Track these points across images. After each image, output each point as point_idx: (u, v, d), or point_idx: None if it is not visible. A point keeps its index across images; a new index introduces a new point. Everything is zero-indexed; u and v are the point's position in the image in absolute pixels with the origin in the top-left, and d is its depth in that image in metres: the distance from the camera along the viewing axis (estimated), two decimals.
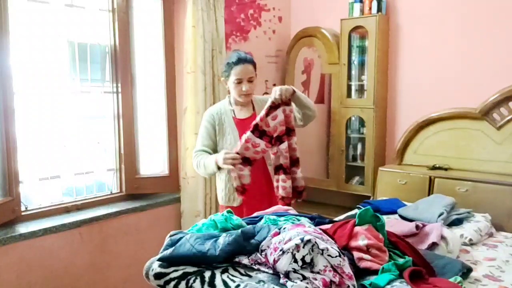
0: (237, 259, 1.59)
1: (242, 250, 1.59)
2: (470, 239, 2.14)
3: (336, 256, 1.43)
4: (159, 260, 1.61)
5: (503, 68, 2.81)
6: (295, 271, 1.42)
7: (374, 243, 1.64)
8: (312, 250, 1.43)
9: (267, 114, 2.13)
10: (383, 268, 1.55)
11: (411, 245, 1.73)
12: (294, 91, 2.19)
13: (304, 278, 1.40)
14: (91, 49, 2.65)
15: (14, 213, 2.29)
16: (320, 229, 1.65)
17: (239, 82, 2.26)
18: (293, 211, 2.04)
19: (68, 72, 2.57)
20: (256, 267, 1.56)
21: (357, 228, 1.72)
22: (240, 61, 2.25)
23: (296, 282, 1.38)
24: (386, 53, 3.29)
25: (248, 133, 2.13)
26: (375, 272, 1.56)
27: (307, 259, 1.42)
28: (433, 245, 1.87)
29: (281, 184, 2.20)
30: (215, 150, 2.35)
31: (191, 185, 2.96)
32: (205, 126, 2.36)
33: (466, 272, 1.68)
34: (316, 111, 2.36)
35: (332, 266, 1.42)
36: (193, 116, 2.92)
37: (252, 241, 1.61)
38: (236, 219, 1.82)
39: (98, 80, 2.77)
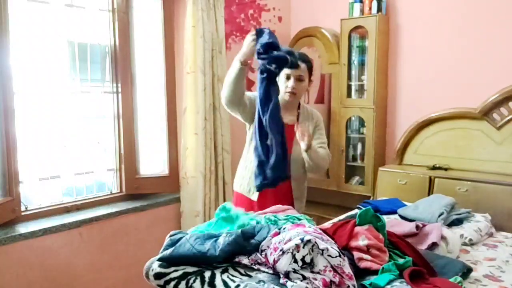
0: (237, 259, 1.59)
1: (242, 250, 1.59)
2: (470, 239, 2.14)
3: (336, 256, 1.43)
4: (159, 260, 1.62)
5: (503, 68, 2.81)
6: (295, 271, 1.42)
7: (374, 243, 1.64)
8: (312, 250, 1.43)
9: None
10: (383, 268, 1.55)
11: (411, 245, 1.73)
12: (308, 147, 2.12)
13: (304, 278, 1.40)
14: (91, 49, 2.65)
15: (14, 213, 2.29)
16: (320, 229, 1.66)
17: (288, 77, 2.20)
18: (293, 211, 2.04)
19: (68, 72, 2.57)
20: (256, 267, 1.56)
21: (357, 228, 1.73)
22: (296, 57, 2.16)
23: (296, 282, 1.38)
24: (386, 53, 3.29)
25: None
26: (375, 272, 1.56)
27: (307, 259, 1.42)
28: (433, 245, 1.88)
29: None
30: (241, 104, 2.18)
31: (191, 185, 2.96)
32: (250, 96, 2.22)
33: (466, 272, 1.68)
34: (321, 168, 2.27)
35: (332, 266, 1.43)
36: (193, 116, 2.92)
37: (252, 241, 1.61)
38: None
39: (98, 80, 2.77)
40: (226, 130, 3.11)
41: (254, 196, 2.27)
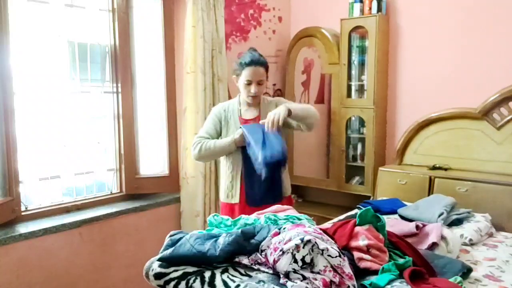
0: (237, 259, 1.59)
1: (242, 250, 1.59)
2: (470, 239, 2.14)
3: (336, 256, 1.43)
4: (159, 260, 1.62)
5: (503, 68, 2.81)
6: (295, 271, 1.42)
7: (374, 243, 1.64)
8: (312, 250, 1.43)
9: None
10: (383, 268, 1.55)
11: (411, 245, 1.73)
12: (290, 112, 2.13)
13: (304, 278, 1.40)
14: (91, 49, 2.65)
15: (14, 213, 2.29)
16: (320, 229, 1.66)
17: (249, 83, 2.27)
18: (293, 211, 2.04)
19: (68, 72, 2.57)
20: (256, 267, 1.56)
21: (357, 228, 1.73)
22: (252, 62, 2.25)
23: (296, 282, 1.38)
24: (386, 53, 3.29)
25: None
26: (375, 272, 1.56)
27: (307, 259, 1.42)
28: (433, 245, 1.88)
29: None
30: None
31: (191, 185, 2.96)
32: (212, 118, 2.39)
33: (466, 272, 1.68)
34: (316, 114, 2.32)
35: (332, 266, 1.43)
36: (193, 116, 2.92)
37: (252, 241, 1.61)
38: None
39: (98, 80, 2.77)
40: None
41: (235, 199, 2.34)
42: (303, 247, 1.42)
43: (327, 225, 2.15)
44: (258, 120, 2.32)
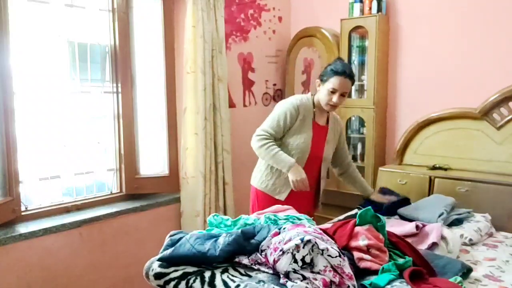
0: (237, 259, 1.59)
1: (242, 250, 1.59)
2: (470, 239, 2.14)
3: (336, 256, 1.43)
4: (159, 260, 1.62)
5: (503, 68, 2.81)
6: (295, 271, 1.42)
7: (374, 243, 1.65)
8: (312, 250, 1.43)
9: None
10: (383, 268, 1.55)
11: (411, 245, 1.74)
12: None
13: (304, 278, 1.40)
14: (91, 49, 2.65)
15: (14, 213, 2.29)
16: (320, 229, 1.66)
17: (333, 92, 2.26)
18: (293, 211, 2.04)
19: (68, 72, 2.57)
20: (256, 267, 1.56)
21: (357, 228, 1.73)
22: (344, 73, 2.25)
23: (296, 282, 1.39)
24: (386, 53, 3.29)
25: None
26: (375, 272, 1.56)
27: (307, 259, 1.42)
28: (433, 245, 1.88)
29: None
30: (279, 138, 2.35)
31: (191, 185, 2.96)
32: (285, 112, 2.29)
33: (466, 272, 1.68)
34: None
35: (332, 266, 1.43)
36: (193, 116, 2.92)
37: (252, 241, 1.61)
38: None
39: (98, 80, 2.77)
40: (226, 130, 3.11)
41: (282, 196, 2.36)
42: (303, 247, 1.42)
43: (327, 225, 2.15)
44: (325, 130, 2.42)
